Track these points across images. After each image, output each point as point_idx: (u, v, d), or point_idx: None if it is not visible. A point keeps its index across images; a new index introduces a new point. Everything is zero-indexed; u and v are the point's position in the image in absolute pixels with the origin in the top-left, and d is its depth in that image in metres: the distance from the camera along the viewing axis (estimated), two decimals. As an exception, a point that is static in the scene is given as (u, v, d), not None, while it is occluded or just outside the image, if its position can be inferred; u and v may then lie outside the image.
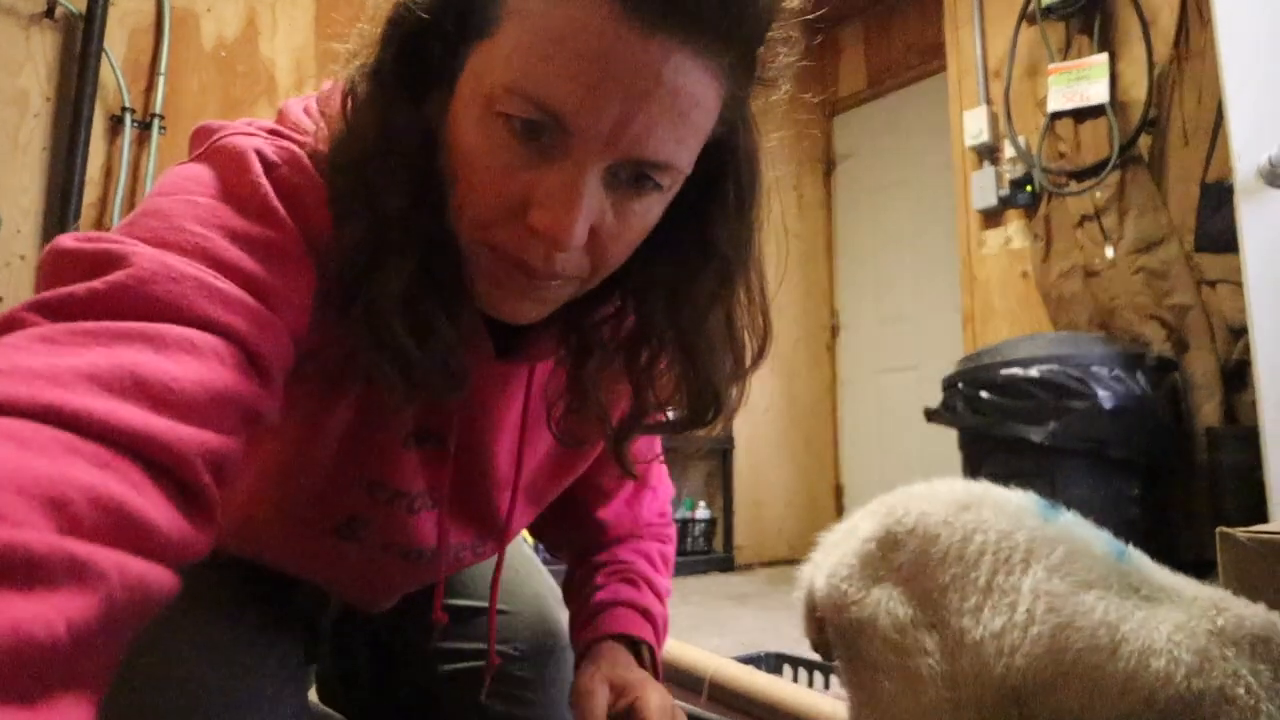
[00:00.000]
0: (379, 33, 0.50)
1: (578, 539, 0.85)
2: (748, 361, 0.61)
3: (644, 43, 0.43)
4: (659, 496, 0.87)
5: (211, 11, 2.79)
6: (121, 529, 0.32)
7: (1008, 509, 0.63)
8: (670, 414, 0.62)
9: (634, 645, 0.75)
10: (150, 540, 0.33)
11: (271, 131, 0.53)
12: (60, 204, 2.41)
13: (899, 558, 0.63)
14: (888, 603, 0.61)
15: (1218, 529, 1.83)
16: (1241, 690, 0.52)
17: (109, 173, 2.56)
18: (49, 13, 2.48)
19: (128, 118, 2.57)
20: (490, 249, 0.50)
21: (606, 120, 0.44)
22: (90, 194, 2.50)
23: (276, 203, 0.47)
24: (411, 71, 0.50)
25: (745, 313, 0.59)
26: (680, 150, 0.48)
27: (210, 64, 2.78)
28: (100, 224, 2.53)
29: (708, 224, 0.55)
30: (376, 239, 0.49)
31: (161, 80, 2.65)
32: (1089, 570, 0.59)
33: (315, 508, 0.63)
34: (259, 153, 0.49)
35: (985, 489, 0.66)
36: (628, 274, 0.56)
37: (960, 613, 0.59)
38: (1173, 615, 0.57)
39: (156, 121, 2.62)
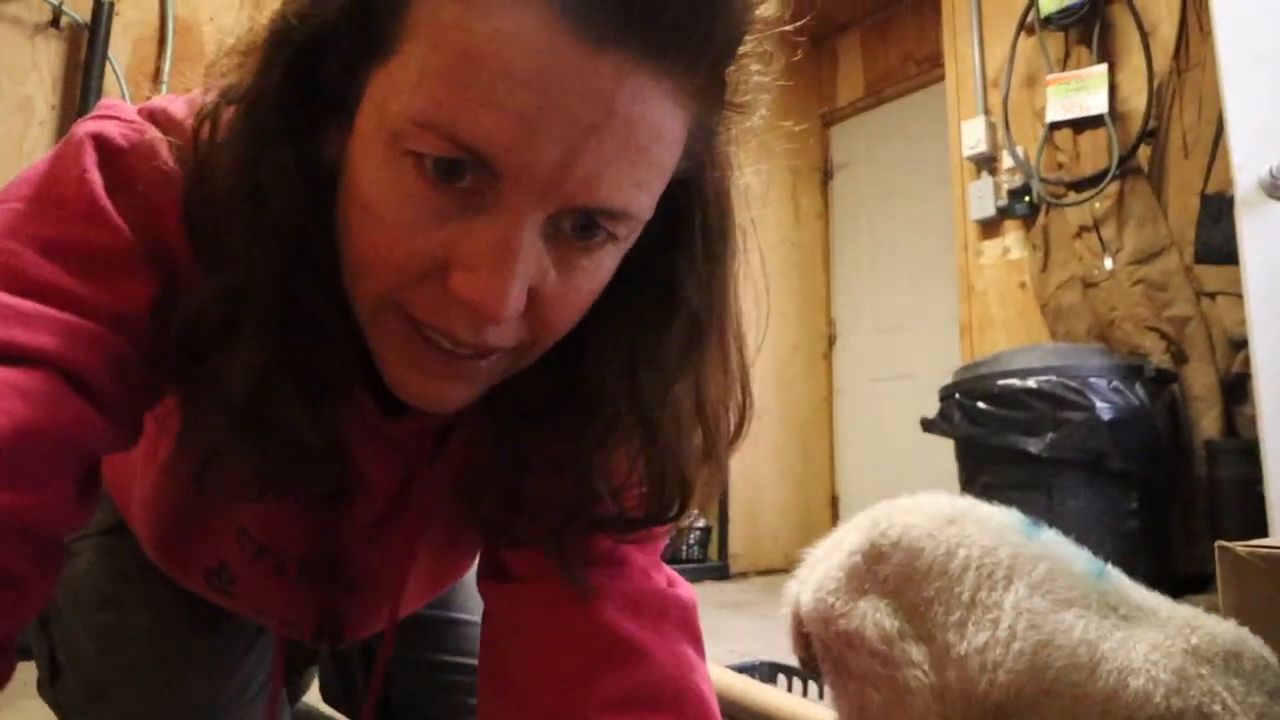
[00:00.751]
0: (258, 49, 0.41)
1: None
2: (722, 443, 0.49)
3: (592, 62, 0.33)
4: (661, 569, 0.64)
5: (213, 21, 2.80)
6: None
7: (991, 525, 0.64)
8: (625, 507, 0.49)
9: None
10: None
11: (149, 112, 0.44)
12: (63, 209, 2.43)
13: (884, 570, 0.63)
14: (874, 614, 0.62)
15: (1217, 543, 1.83)
16: (1218, 707, 0.53)
17: (112, 178, 2.57)
18: (54, 22, 2.50)
19: (131, 124, 2.59)
20: (400, 317, 0.40)
21: (546, 160, 0.34)
22: (93, 200, 2.51)
23: (105, 201, 0.39)
24: (297, 100, 0.39)
25: (719, 382, 0.49)
26: (638, 194, 0.38)
27: (213, 71, 2.80)
28: (102, 229, 2.54)
29: (672, 275, 0.45)
30: (231, 307, 0.39)
31: (164, 89, 2.66)
32: (1070, 588, 0.60)
33: (187, 542, 0.56)
34: (99, 139, 0.41)
35: (970, 504, 0.66)
36: (578, 327, 0.44)
37: (945, 627, 0.59)
38: (1149, 635, 0.58)
39: (159, 128, 2.64)
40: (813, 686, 1.20)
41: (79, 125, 0.43)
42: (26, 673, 1.67)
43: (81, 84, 2.47)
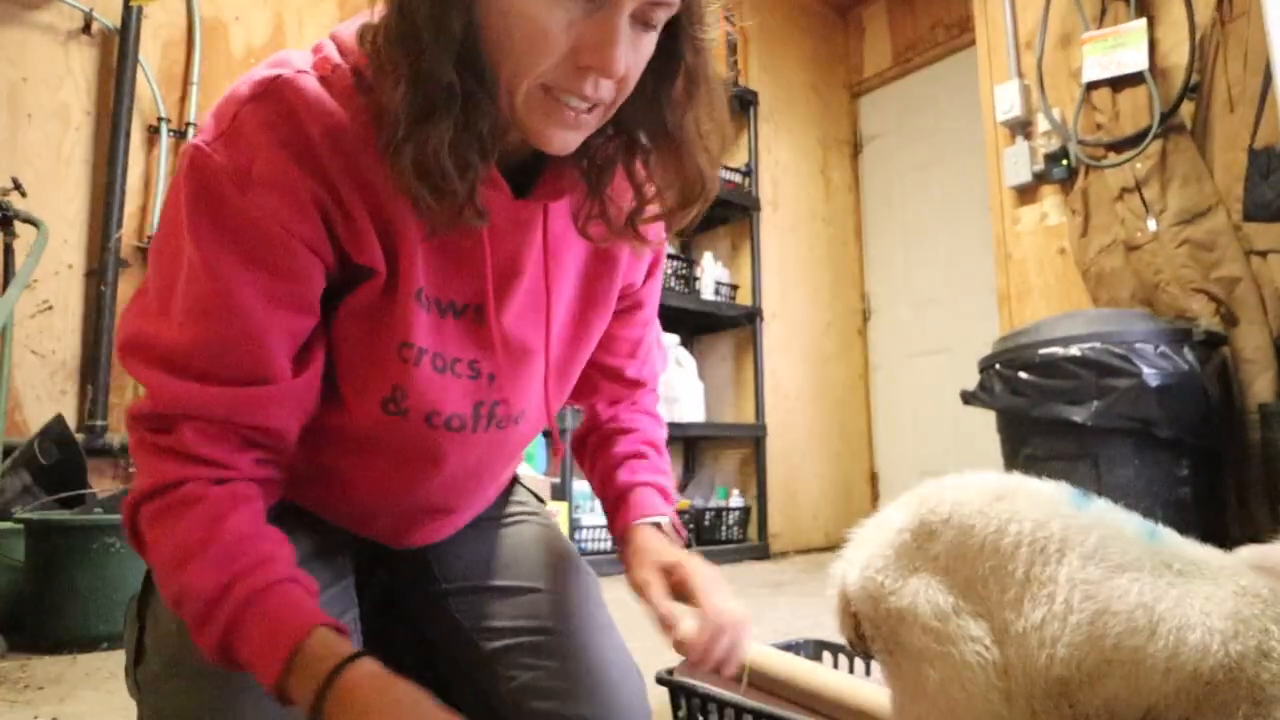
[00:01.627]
0: None
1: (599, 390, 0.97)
2: (716, 153, 0.74)
3: None
4: (655, 398, 1.02)
5: (240, 20, 2.83)
6: None
7: (1041, 499, 0.63)
8: (666, 202, 0.75)
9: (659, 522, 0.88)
10: None
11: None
12: (104, 213, 2.48)
13: (935, 548, 0.62)
14: (926, 591, 0.61)
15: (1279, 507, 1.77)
16: (1276, 643, 0.53)
17: (148, 182, 2.63)
18: (86, 28, 2.54)
19: (164, 128, 2.63)
20: (545, 90, 0.63)
21: None
22: (131, 203, 2.56)
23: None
24: None
25: (709, 116, 0.72)
26: None
27: (241, 71, 2.81)
28: (141, 232, 2.59)
29: (677, 48, 0.68)
30: (426, 98, 0.60)
31: (195, 90, 2.70)
32: (1123, 554, 0.59)
33: (361, 382, 0.72)
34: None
35: (1019, 480, 0.65)
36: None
37: (1001, 605, 0.59)
38: (1203, 588, 0.57)
39: (191, 130, 2.67)
40: (859, 664, 1.19)
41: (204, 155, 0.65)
42: (87, 664, 1.73)
43: (115, 89, 2.51)
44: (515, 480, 1.05)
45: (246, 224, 0.62)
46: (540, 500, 1.07)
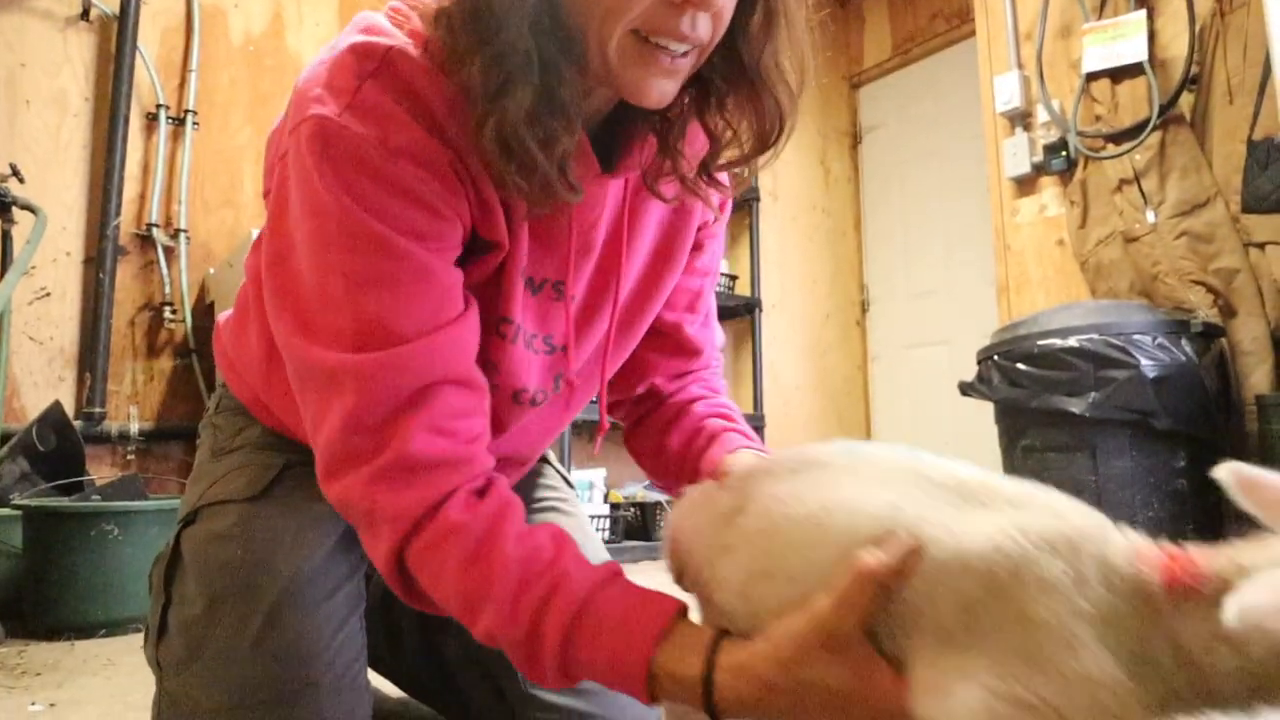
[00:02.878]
0: None
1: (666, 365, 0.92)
2: (797, 87, 0.70)
3: None
4: (720, 379, 0.97)
5: (239, 7, 2.82)
6: None
7: (858, 446, 0.61)
8: (744, 146, 0.72)
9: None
10: None
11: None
12: (102, 200, 2.47)
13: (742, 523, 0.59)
14: (732, 565, 0.58)
15: None
16: (1040, 568, 0.46)
17: (146, 168, 2.62)
18: (84, 14, 2.53)
19: (162, 114, 2.62)
20: (637, 37, 0.60)
21: None
22: (130, 189, 2.56)
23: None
24: None
25: (789, 49, 0.69)
26: None
27: (239, 59, 2.82)
28: (140, 219, 2.59)
29: None
30: (504, 70, 0.58)
31: (193, 76, 2.69)
32: (879, 474, 0.57)
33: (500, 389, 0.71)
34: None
35: (864, 445, 0.63)
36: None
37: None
38: (977, 512, 0.52)
39: (190, 117, 2.66)
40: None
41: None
42: (84, 651, 1.73)
43: (113, 75, 2.50)
44: (545, 459, 1.03)
45: (399, 189, 0.60)
46: (569, 484, 1.06)
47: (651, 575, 2.82)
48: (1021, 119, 2.86)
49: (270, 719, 0.70)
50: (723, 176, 0.75)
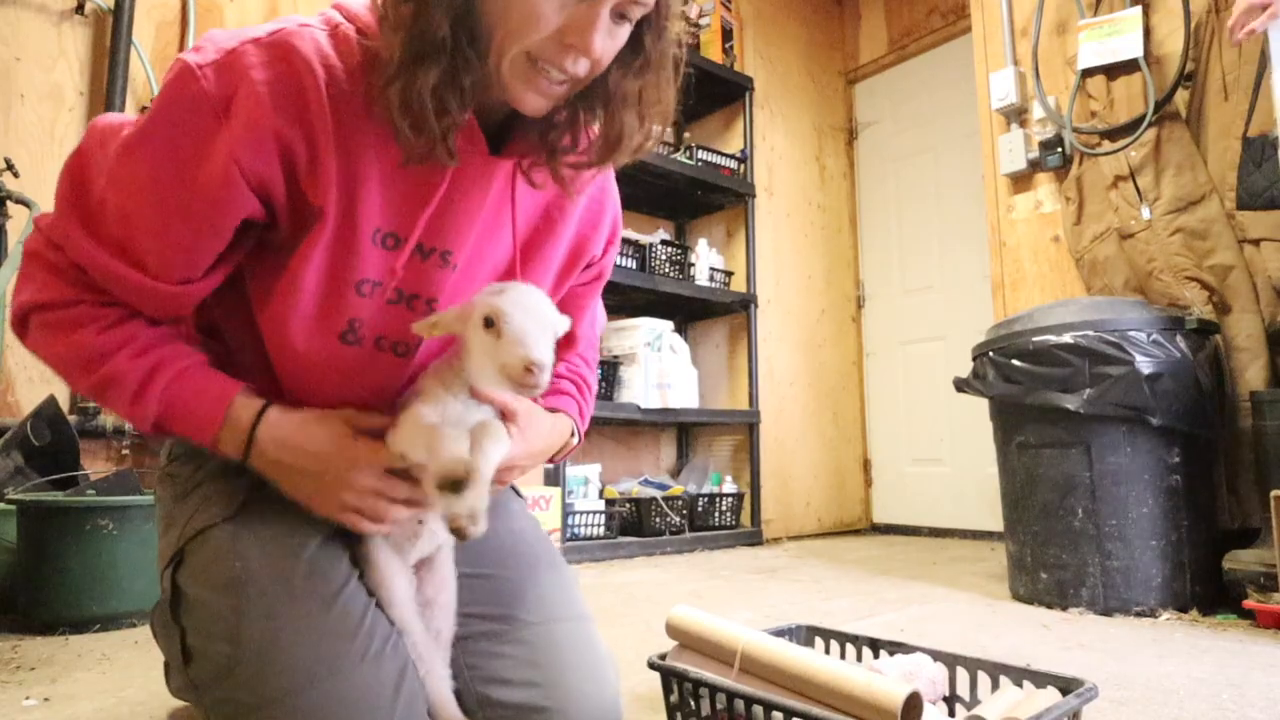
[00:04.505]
0: None
1: None
2: (650, 127, 0.84)
3: None
4: (596, 355, 1.14)
5: (234, 2, 2.80)
6: None
7: None
8: (591, 154, 0.84)
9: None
10: None
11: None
12: (94, 197, 2.46)
13: None
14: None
15: (1272, 492, 1.80)
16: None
17: (139, 165, 2.61)
18: (79, 8, 2.51)
19: (155, 109, 2.61)
20: (529, 59, 0.73)
21: None
22: (122, 186, 2.55)
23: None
24: None
25: (655, 95, 0.82)
26: None
27: (233, 53, 2.81)
28: (133, 216, 2.58)
29: (641, 37, 0.79)
30: (422, 43, 0.70)
31: (186, 71, 2.68)
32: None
33: (321, 320, 0.81)
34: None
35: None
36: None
37: None
38: None
39: (183, 112, 2.66)
40: (850, 649, 1.20)
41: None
42: (79, 645, 1.73)
43: (108, 69, 2.49)
44: None
45: (201, 146, 0.71)
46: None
47: (646, 571, 2.83)
48: (1017, 115, 2.87)
49: (320, 693, 0.71)
50: (580, 178, 0.88)
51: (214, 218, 0.74)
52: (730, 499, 3.59)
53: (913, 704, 0.85)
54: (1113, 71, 2.57)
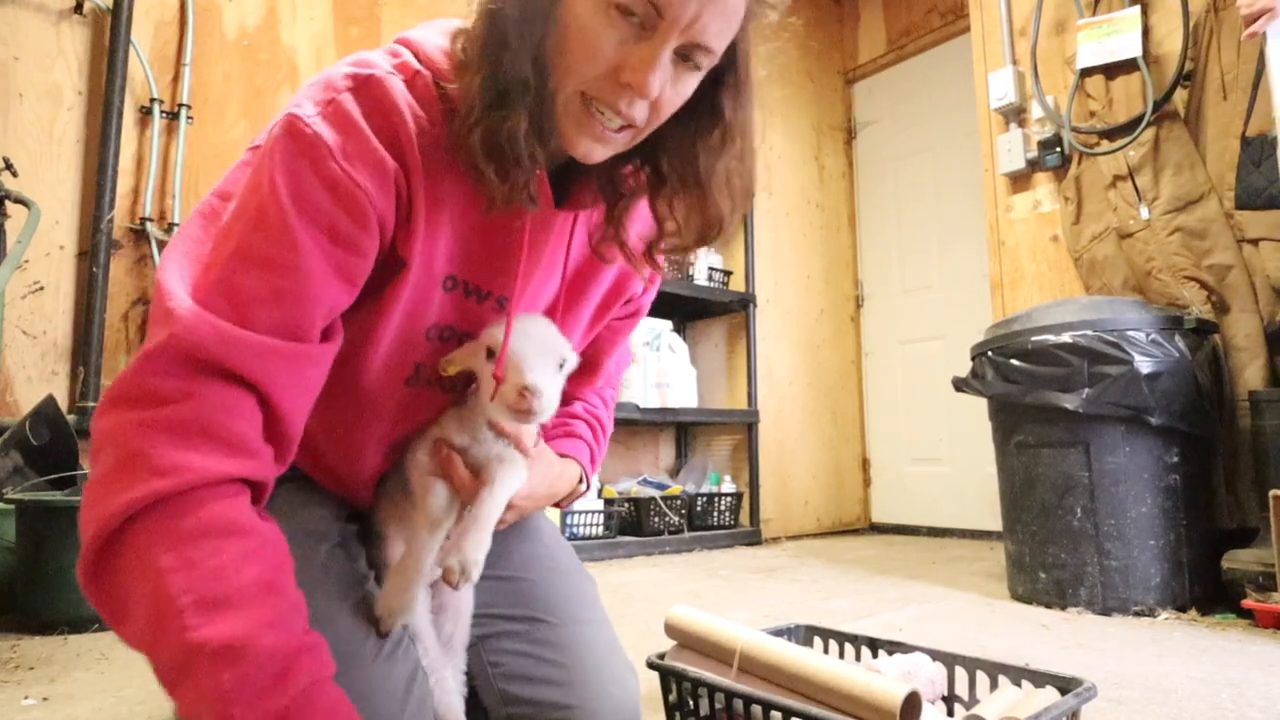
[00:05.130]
0: None
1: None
2: (740, 201, 0.80)
3: None
4: (616, 391, 1.13)
5: (233, 1, 2.80)
6: None
7: None
8: (685, 238, 0.81)
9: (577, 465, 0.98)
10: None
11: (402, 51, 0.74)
12: (95, 194, 2.46)
13: None
14: None
15: (1271, 491, 1.80)
16: None
17: (140, 162, 2.60)
18: (78, 8, 2.51)
19: (156, 108, 2.61)
20: (583, 99, 0.69)
21: (688, 14, 0.65)
22: (124, 184, 2.54)
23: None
24: None
25: (739, 167, 0.79)
26: (720, 42, 0.69)
27: (233, 53, 2.80)
28: (134, 213, 2.57)
29: (719, 101, 0.76)
30: (503, 83, 0.67)
31: (187, 70, 2.67)
32: None
33: (392, 366, 0.79)
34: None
35: None
36: (649, 141, 0.76)
37: None
38: None
39: (184, 111, 2.65)
40: (849, 649, 1.20)
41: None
42: (78, 645, 1.73)
43: (107, 69, 2.49)
44: None
45: (335, 187, 0.66)
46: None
47: (645, 571, 2.83)
48: (1016, 115, 2.87)
49: (348, 679, 0.72)
50: (661, 258, 0.85)
51: (356, 260, 0.69)
52: (729, 499, 3.59)
53: (912, 703, 0.85)
54: (1111, 71, 2.58)
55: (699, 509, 3.51)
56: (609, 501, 3.21)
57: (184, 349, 0.59)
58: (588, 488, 0.99)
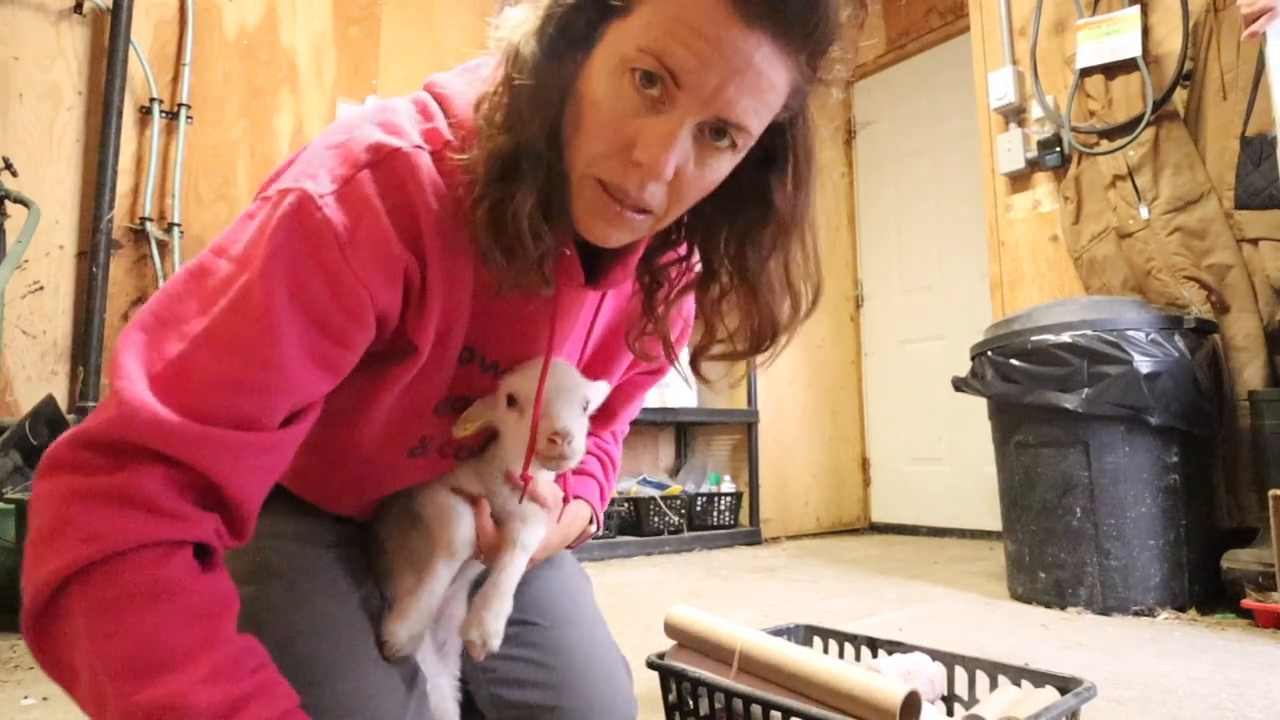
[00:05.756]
0: (544, 6, 0.62)
1: None
2: (804, 305, 0.73)
3: (745, 33, 0.56)
4: (625, 428, 1.07)
5: (233, 1, 2.80)
6: None
7: None
8: (736, 344, 0.74)
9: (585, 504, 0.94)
10: None
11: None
12: (95, 194, 2.46)
13: None
14: None
15: (1270, 491, 1.80)
16: None
17: (140, 162, 2.61)
18: (78, 8, 2.51)
19: (156, 108, 2.61)
20: (596, 181, 0.62)
21: (708, 84, 0.57)
22: (123, 184, 2.55)
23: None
24: (561, 39, 0.62)
25: (801, 265, 0.72)
26: (754, 119, 0.60)
27: (233, 53, 2.80)
28: (133, 213, 2.57)
29: (768, 189, 0.69)
30: (515, 160, 0.62)
31: (187, 70, 2.67)
32: None
33: (394, 439, 0.76)
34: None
35: None
36: (696, 227, 0.72)
37: None
38: None
39: (183, 111, 2.65)
40: (848, 648, 1.20)
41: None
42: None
43: (106, 69, 2.49)
44: None
45: (336, 282, 0.60)
46: None
47: (644, 570, 2.83)
48: (1016, 115, 2.87)
49: (337, 687, 0.72)
50: (709, 366, 0.77)
51: (343, 353, 0.64)
52: (728, 498, 3.59)
53: (911, 703, 0.85)
54: (1111, 71, 2.58)
55: (698, 509, 3.51)
56: (609, 501, 3.21)
57: (119, 435, 0.56)
58: (598, 529, 0.95)
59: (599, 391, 0.79)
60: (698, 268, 0.74)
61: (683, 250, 0.75)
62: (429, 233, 0.64)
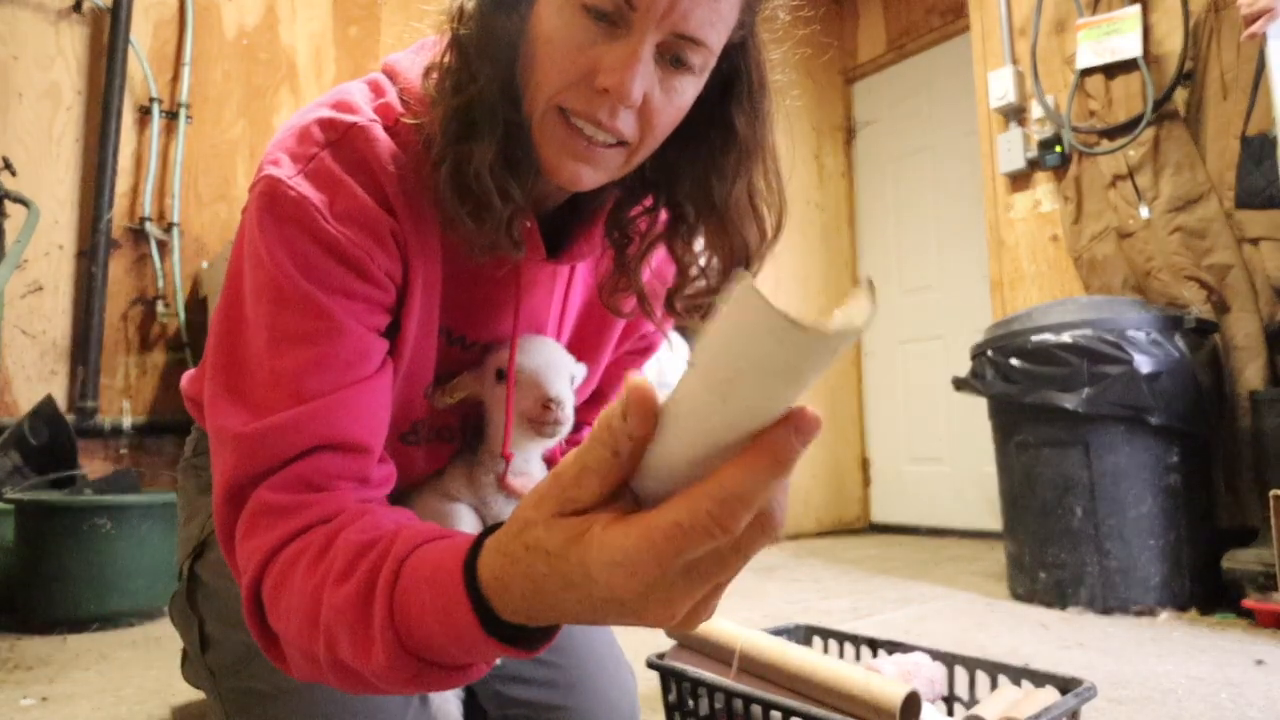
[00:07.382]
0: None
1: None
2: (769, 230, 0.72)
3: None
4: None
5: (232, 1, 2.80)
6: None
7: None
8: (710, 279, 0.73)
9: None
10: None
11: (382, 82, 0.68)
12: (95, 194, 2.46)
13: None
14: None
15: (1271, 491, 1.80)
16: None
17: (139, 162, 2.61)
18: (77, 7, 2.51)
19: (155, 108, 2.61)
20: (561, 114, 0.61)
21: (662, 2, 0.56)
22: (123, 183, 2.54)
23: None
24: None
25: (764, 191, 0.71)
26: (710, 31, 0.60)
27: (232, 53, 2.80)
28: (133, 213, 2.57)
29: (727, 112, 0.68)
30: (470, 114, 0.61)
31: (186, 70, 2.67)
32: None
33: (391, 428, 0.73)
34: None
35: None
36: (660, 176, 0.71)
37: None
38: None
39: (183, 111, 2.65)
40: (849, 648, 1.20)
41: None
42: (77, 645, 1.73)
43: (106, 68, 2.49)
44: None
45: (334, 249, 0.60)
46: None
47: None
48: (1016, 114, 2.87)
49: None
50: (684, 305, 0.76)
51: (383, 317, 0.64)
52: (729, 498, 3.58)
53: (911, 703, 0.85)
54: (1111, 70, 2.57)
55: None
56: (609, 501, 3.21)
57: (250, 468, 0.57)
58: None
59: (582, 370, 0.79)
60: (665, 218, 0.74)
61: (648, 202, 0.75)
62: (396, 202, 0.63)
